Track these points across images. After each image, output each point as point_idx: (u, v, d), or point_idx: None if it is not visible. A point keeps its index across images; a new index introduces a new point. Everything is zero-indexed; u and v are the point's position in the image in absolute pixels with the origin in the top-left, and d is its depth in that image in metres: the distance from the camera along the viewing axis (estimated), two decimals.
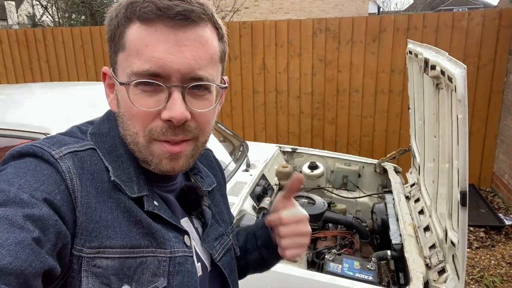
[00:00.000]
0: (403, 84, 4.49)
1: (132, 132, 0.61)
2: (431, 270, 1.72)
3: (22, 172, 0.54)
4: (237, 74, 4.97)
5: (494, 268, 3.12)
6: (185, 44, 0.58)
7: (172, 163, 0.62)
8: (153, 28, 0.57)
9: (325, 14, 15.78)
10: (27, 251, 0.46)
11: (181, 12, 0.56)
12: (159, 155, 0.61)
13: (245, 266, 0.90)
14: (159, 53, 0.57)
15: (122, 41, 0.60)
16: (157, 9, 0.56)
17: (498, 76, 4.28)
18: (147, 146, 0.61)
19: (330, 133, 4.90)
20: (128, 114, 0.61)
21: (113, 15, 0.60)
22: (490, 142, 4.45)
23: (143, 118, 0.59)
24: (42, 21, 11.16)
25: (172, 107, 0.58)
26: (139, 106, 0.59)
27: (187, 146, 0.63)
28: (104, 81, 0.67)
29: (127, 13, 0.58)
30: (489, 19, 4.18)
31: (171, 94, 0.58)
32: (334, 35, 4.63)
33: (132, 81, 0.58)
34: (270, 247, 0.83)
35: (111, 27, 0.61)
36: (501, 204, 4.16)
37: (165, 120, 0.58)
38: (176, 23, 0.57)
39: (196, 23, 0.58)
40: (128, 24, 0.59)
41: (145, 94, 0.59)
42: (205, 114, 0.62)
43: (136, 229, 0.60)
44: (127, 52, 0.59)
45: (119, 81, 0.60)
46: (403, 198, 2.40)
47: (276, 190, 2.67)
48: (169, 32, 0.57)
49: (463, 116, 1.33)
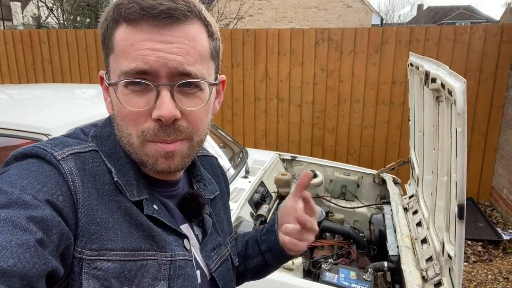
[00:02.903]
0: (404, 96, 4.50)
1: (126, 134, 0.61)
2: (427, 283, 1.71)
3: (25, 174, 0.54)
4: (239, 81, 4.99)
5: (491, 283, 3.10)
6: (171, 41, 0.58)
7: (168, 161, 0.61)
8: (138, 28, 0.57)
9: (328, 24, 15.88)
10: (31, 252, 0.46)
11: (165, 10, 0.56)
12: (154, 155, 0.61)
13: (243, 273, 0.90)
14: (145, 51, 0.57)
15: (111, 44, 0.60)
16: (141, 9, 0.56)
17: (498, 90, 4.30)
18: (141, 147, 0.61)
19: (330, 142, 4.91)
20: (120, 115, 0.61)
21: (103, 18, 0.61)
22: (489, 156, 4.46)
23: (135, 118, 0.59)
24: (47, 23, 11.24)
25: (160, 105, 0.57)
26: (129, 107, 0.59)
27: (182, 145, 0.62)
28: (101, 84, 0.67)
29: (114, 15, 0.59)
30: (491, 34, 4.21)
31: (159, 93, 0.58)
32: (337, 45, 4.66)
33: (120, 81, 0.58)
34: (276, 250, 0.83)
35: (102, 31, 0.61)
36: (499, 219, 4.15)
37: (156, 119, 0.58)
38: (160, 22, 0.57)
39: (182, 21, 0.58)
40: (116, 26, 0.59)
41: (135, 94, 0.59)
42: (197, 112, 0.62)
43: (137, 232, 0.60)
44: (115, 54, 0.60)
45: (108, 82, 0.61)
46: (401, 209, 2.40)
47: (275, 198, 2.66)
48: (154, 31, 0.57)
49: (462, 129, 1.33)
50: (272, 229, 0.85)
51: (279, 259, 0.85)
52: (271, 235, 0.85)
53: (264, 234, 0.87)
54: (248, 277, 0.92)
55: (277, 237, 0.83)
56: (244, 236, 0.94)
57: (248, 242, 0.91)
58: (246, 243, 0.91)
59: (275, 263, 0.88)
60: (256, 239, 0.89)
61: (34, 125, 1.77)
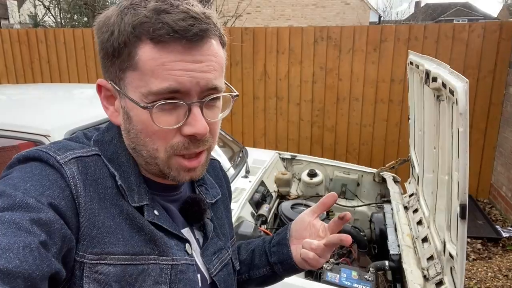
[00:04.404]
0: (403, 94, 4.51)
1: (151, 148, 0.61)
2: (428, 282, 1.72)
3: (28, 177, 0.55)
4: (237, 80, 4.98)
5: (491, 280, 3.12)
6: (201, 60, 0.58)
7: (191, 173, 0.64)
8: (169, 49, 0.56)
9: (327, 22, 15.87)
10: (34, 254, 0.46)
11: (198, 33, 0.57)
12: (178, 169, 0.63)
13: (247, 281, 0.90)
14: (178, 72, 0.57)
15: (132, 61, 0.58)
16: (174, 32, 0.55)
17: (497, 88, 4.30)
18: (166, 161, 0.62)
19: (329, 141, 4.91)
20: (146, 132, 0.60)
21: (113, 30, 0.58)
22: (488, 154, 4.47)
23: (164, 135, 0.60)
24: (44, 21, 11.19)
25: (194, 123, 0.59)
26: (160, 125, 0.58)
27: (203, 156, 0.65)
28: (99, 93, 0.66)
29: (136, 33, 0.56)
30: (489, 31, 4.21)
31: (191, 110, 0.59)
32: (336, 43, 4.65)
33: (155, 104, 0.57)
34: (288, 264, 0.82)
35: (112, 43, 0.58)
36: (498, 216, 4.16)
37: (187, 135, 0.60)
38: (193, 44, 0.57)
39: (209, 39, 0.59)
40: (138, 44, 0.57)
41: (164, 112, 0.59)
42: (217, 121, 0.65)
43: (138, 236, 0.61)
44: (140, 72, 0.58)
45: (141, 105, 0.58)
46: (401, 208, 2.40)
47: (275, 197, 2.66)
48: (185, 51, 0.57)
49: (464, 129, 1.33)
50: (284, 242, 0.84)
51: (289, 272, 0.85)
52: (283, 248, 0.83)
53: (274, 245, 0.86)
54: (252, 286, 0.92)
55: (289, 251, 0.82)
56: (248, 244, 0.94)
57: (255, 252, 0.90)
58: (252, 252, 0.90)
59: (284, 275, 0.87)
60: (264, 249, 0.88)
61: (34, 126, 1.76)
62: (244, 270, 0.89)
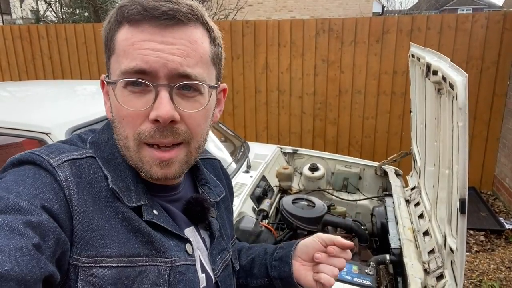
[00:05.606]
0: (406, 86, 4.47)
1: (123, 136, 0.61)
2: (429, 276, 1.72)
3: (21, 180, 0.55)
4: (239, 73, 4.97)
5: (494, 272, 3.12)
6: (172, 42, 0.58)
7: (163, 170, 0.61)
8: (139, 29, 0.58)
9: (329, 13, 15.72)
10: (28, 257, 0.46)
11: (167, 11, 0.56)
12: (149, 161, 0.61)
13: (244, 287, 0.90)
14: (145, 50, 0.57)
15: (112, 45, 0.60)
16: (143, 10, 0.56)
17: (501, 79, 4.26)
18: (137, 151, 0.61)
19: (331, 134, 4.90)
20: (118, 116, 0.61)
21: (107, 21, 0.62)
22: (492, 145, 4.44)
23: (132, 120, 0.59)
24: (45, 17, 11.17)
25: (158, 106, 0.57)
26: (127, 107, 0.59)
27: (179, 152, 0.62)
28: (102, 89, 0.67)
29: (118, 17, 0.59)
30: (493, 22, 4.16)
31: (158, 94, 0.58)
32: (337, 35, 4.61)
33: (119, 79, 0.58)
34: (287, 282, 0.83)
35: (105, 33, 0.62)
36: (501, 208, 4.15)
37: (153, 120, 0.58)
38: (162, 23, 0.57)
39: (184, 23, 0.58)
40: (118, 28, 0.60)
41: (134, 95, 0.59)
42: (195, 116, 0.61)
43: (135, 238, 0.60)
44: (116, 54, 0.60)
45: (107, 81, 0.62)
46: (403, 201, 2.40)
47: (276, 192, 2.67)
48: (155, 31, 0.57)
49: (463, 124, 1.32)
50: (286, 260, 0.83)
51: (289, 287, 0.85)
52: (284, 266, 0.83)
53: (275, 260, 0.85)
54: None
55: (290, 270, 0.82)
56: (249, 249, 0.93)
57: (255, 261, 0.89)
58: (252, 260, 0.90)
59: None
60: (264, 261, 0.87)
61: (34, 124, 1.77)
62: (242, 275, 0.89)
